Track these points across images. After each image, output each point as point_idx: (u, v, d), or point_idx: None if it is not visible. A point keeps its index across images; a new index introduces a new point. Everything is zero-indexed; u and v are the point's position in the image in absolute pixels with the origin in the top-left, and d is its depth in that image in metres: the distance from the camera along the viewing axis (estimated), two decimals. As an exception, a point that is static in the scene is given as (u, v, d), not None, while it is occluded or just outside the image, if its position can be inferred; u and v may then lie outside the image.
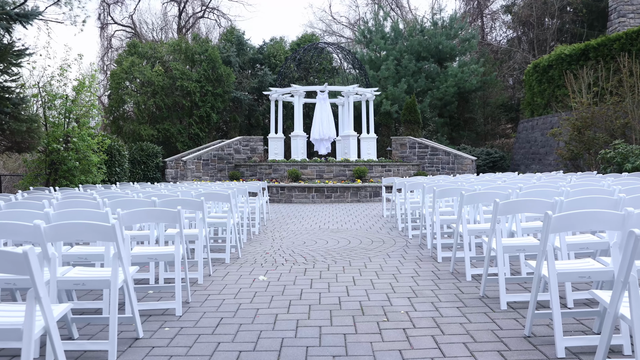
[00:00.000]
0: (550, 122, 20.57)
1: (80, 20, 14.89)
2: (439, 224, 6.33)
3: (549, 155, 20.46)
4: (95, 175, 13.35)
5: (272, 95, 21.04)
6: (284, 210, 13.98)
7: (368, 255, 6.91)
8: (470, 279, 5.35)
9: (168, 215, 4.37)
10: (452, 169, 19.95)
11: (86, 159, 12.89)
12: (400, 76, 27.20)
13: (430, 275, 5.65)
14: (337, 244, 8.04)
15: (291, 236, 9.01)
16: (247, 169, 19.31)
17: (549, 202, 4.32)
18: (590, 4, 31.17)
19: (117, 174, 15.75)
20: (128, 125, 22.22)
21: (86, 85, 13.37)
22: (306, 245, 7.98)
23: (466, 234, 5.37)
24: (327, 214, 12.71)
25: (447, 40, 27.97)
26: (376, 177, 18.35)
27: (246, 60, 27.40)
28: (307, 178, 17.87)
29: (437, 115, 27.80)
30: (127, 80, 22.36)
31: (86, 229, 3.43)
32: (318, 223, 10.88)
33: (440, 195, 6.40)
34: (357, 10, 48.34)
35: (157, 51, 24.10)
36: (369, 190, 16.20)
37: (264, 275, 5.76)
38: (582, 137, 14.48)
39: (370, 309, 4.40)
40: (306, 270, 6.05)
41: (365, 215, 12.26)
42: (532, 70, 22.99)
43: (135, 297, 3.82)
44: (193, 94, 23.34)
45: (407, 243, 7.93)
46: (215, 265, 6.39)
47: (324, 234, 9.14)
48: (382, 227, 10.04)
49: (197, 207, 5.48)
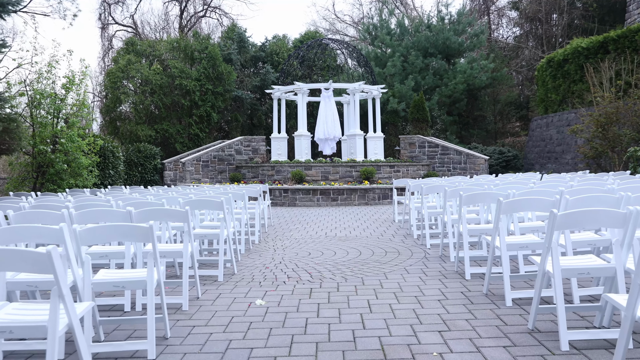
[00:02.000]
0: (567, 118, 19.58)
1: (71, 14, 14.03)
2: (466, 235, 5.40)
3: (566, 154, 19.47)
4: (85, 179, 12.49)
5: (274, 93, 20.16)
6: (287, 214, 13.08)
7: (383, 271, 6.00)
8: (511, 303, 4.42)
9: (138, 232, 3.47)
10: (464, 169, 19.00)
11: (76, 161, 12.03)
12: (407, 73, 26.26)
13: (461, 298, 4.72)
14: (347, 255, 7.13)
15: (295, 245, 8.11)
16: (248, 171, 18.43)
17: (621, 212, 3.41)
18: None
19: (110, 176, 14.84)
20: (125, 126, 21.32)
21: (76, 82, 12.51)
22: (311, 257, 7.08)
23: (504, 249, 4.46)
24: (333, 218, 11.80)
25: (455, 35, 27.01)
26: (384, 178, 17.42)
27: (248, 58, 26.47)
28: (311, 180, 16.97)
29: (445, 113, 26.85)
30: (123, 79, 21.45)
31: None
32: (324, 229, 9.97)
33: (468, 202, 5.48)
34: (361, 8, 47.30)
35: (155, 49, 23.19)
36: (377, 192, 15.28)
37: (261, 299, 4.85)
38: (606, 133, 13.50)
39: (393, 349, 3.48)
40: (312, 290, 5.15)
41: (375, 219, 11.34)
42: (545, 65, 21.98)
43: (86, 339, 2.93)
44: (192, 93, 22.42)
45: (426, 254, 7.01)
46: (206, 285, 5.50)
47: (331, 243, 8.23)
48: (395, 234, 9.11)
49: (180, 218, 4.58)
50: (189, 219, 4.54)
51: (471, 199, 5.49)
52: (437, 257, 6.74)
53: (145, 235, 3.48)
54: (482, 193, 5.53)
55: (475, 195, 5.45)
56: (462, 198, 5.45)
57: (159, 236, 5.64)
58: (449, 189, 6.50)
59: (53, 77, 12.48)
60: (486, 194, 5.49)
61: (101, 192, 8.56)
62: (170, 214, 4.62)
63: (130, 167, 18.67)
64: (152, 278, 3.48)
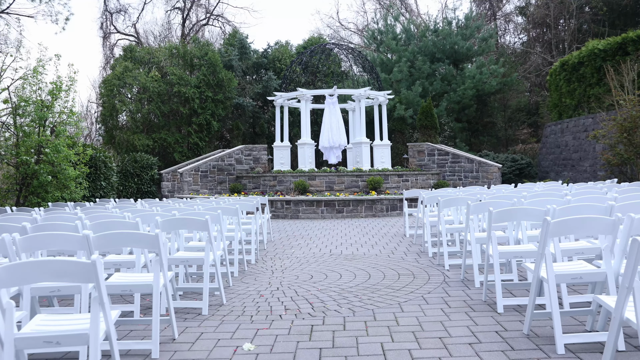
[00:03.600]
0: (583, 124, 18.64)
1: (63, 17, 13.30)
2: (497, 259, 4.50)
3: (583, 161, 18.51)
4: (73, 191, 11.65)
5: (277, 100, 19.35)
6: (289, 227, 12.20)
7: (397, 300, 5.10)
8: (564, 350, 3.51)
9: (76, 271, 2.60)
10: (475, 178, 18.06)
11: (62, 172, 11.20)
12: (414, 79, 25.41)
13: (497, 341, 3.81)
14: (354, 279, 6.23)
15: (295, 266, 7.22)
16: (249, 181, 17.57)
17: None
18: (611, 2, 29.42)
19: (102, 188, 13.97)
20: (121, 135, 20.50)
21: (64, 88, 11.72)
22: (313, 280, 6.18)
23: (553, 282, 3.55)
24: (338, 232, 10.90)
25: (463, 40, 26.18)
26: (392, 188, 16.51)
27: (249, 65, 25.67)
28: (315, 190, 16.09)
29: (454, 119, 25.95)
30: (120, 87, 20.64)
31: None
32: (328, 246, 9.07)
33: (499, 219, 4.57)
34: (365, 16, 46.59)
35: (154, 56, 22.42)
36: (385, 203, 14.37)
37: (250, 342, 3.96)
38: (632, 139, 12.56)
39: None
40: (312, 329, 4.25)
41: (384, 234, 10.43)
42: (559, 69, 21.07)
43: None
44: (192, 101, 21.59)
45: (445, 277, 6.10)
46: (188, 320, 4.61)
47: (335, 263, 7.34)
48: (407, 251, 8.21)
49: (149, 244, 3.71)
50: (160, 246, 3.67)
51: (503, 216, 4.59)
52: (458, 282, 5.83)
53: (86, 274, 2.60)
54: (516, 209, 4.63)
55: (509, 212, 4.55)
56: (492, 215, 4.54)
57: (132, 262, 4.78)
58: (472, 204, 5.61)
59: (39, 82, 11.70)
60: (521, 210, 4.59)
61: (79, 207, 7.71)
62: (138, 239, 3.75)
63: (125, 178, 17.84)
64: (96, 331, 2.60)
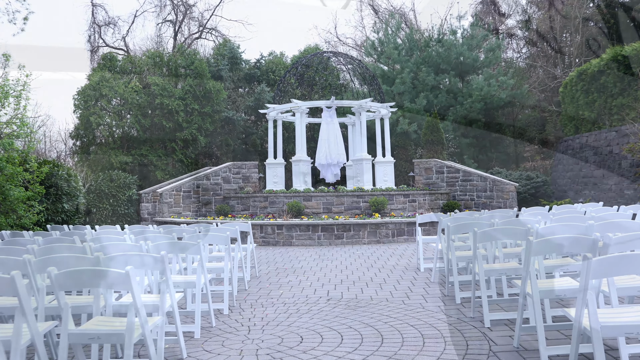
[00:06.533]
0: (606, 138, 16.92)
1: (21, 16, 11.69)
2: (599, 336, 2.65)
3: (607, 179, 16.73)
4: (22, 216, 9.79)
5: (269, 113, 17.64)
6: (280, 257, 10.34)
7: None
8: None
9: None
10: (489, 198, 16.25)
11: (6, 193, 9.37)
12: (417, 91, 23.75)
13: None
14: (359, 345, 4.38)
15: (281, 319, 5.36)
16: (238, 202, 15.72)
17: None
18: (617, 14, 28.23)
19: (64, 212, 12.06)
20: (95, 151, 18.64)
21: (12, 94, 9.95)
22: (303, 347, 4.33)
23: None
24: (338, 264, 9.04)
25: (469, 50, 24.62)
26: (398, 209, 14.67)
27: (241, 77, 23.96)
28: (311, 212, 14.24)
29: (460, 135, 24.25)
30: (96, 98, 18.84)
31: None
32: (325, 284, 7.22)
33: (599, 273, 2.74)
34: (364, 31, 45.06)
35: (136, 65, 20.68)
36: (391, 227, 12.53)
37: None
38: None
39: None
40: None
41: (393, 266, 8.57)
42: (575, 79, 19.43)
43: None
44: (176, 114, 19.77)
45: (490, 344, 4.24)
46: None
47: (335, 314, 5.47)
48: (426, 294, 6.35)
49: None
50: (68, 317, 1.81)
51: (607, 269, 2.76)
52: (512, 351, 3.97)
53: None
54: (625, 256, 2.80)
55: (614, 262, 2.72)
56: (592, 266, 2.71)
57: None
58: (535, 239, 3.78)
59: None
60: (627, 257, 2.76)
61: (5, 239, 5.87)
62: None
63: (99, 198, 15.96)
64: None
